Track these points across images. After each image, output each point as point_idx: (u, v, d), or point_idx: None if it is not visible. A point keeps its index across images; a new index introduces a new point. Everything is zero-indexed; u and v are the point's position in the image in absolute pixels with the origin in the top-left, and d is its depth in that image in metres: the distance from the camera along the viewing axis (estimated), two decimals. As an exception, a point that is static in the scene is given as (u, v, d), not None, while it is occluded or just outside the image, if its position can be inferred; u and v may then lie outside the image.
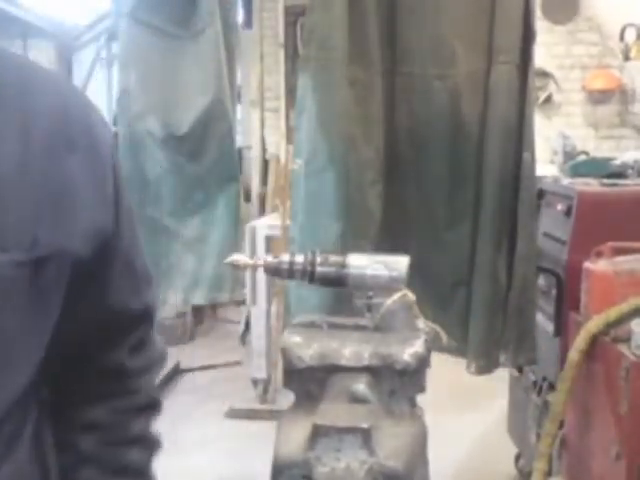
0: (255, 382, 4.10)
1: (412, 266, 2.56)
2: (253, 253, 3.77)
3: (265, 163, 6.88)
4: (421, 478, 0.87)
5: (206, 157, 2.89)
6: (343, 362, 0.91)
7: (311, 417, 0.82)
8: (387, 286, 1.02)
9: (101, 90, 12.30)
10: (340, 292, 1.77)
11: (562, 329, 2.56)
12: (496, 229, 2.44)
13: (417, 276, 2.42)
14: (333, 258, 1.06)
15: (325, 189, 2.42)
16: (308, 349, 0.92)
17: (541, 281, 2.70)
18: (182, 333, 5.21)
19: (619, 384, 2.02)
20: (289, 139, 6.13)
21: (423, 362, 0.89)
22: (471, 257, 2.48)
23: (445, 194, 2.54)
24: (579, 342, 2.21)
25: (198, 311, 5.33)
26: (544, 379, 2.74)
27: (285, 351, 0.92)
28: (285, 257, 1.08)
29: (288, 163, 4.27)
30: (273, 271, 1.10)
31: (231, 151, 2.96)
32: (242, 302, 4.49)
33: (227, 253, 2.77)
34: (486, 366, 2.43)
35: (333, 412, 0.83)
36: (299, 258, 1.06)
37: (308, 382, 0.90)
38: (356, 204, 2.45)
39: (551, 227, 2.78)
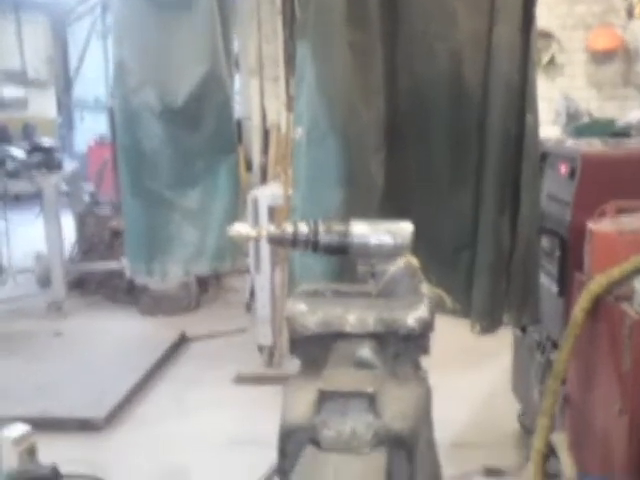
0: (261, 348, 4.14)
1: (415, 231, 2.57)
2: (256, 223, 3.77)
3: (266, 132, 6.83)
4: (426, 439, 0.88)
5: (203, 128, 2.89)
6: (348, 329, 0.91)
7: (317, 383, 0.83)
8: (391, 253, 1.02)
9: (97, 62, 12.19)
10: (344, 259, 1.77)
11: (566, 289, 2.57)
12: (499, 192, 2.44)
13: (421, 240, 2.42)
14: (336, 227, 1.05)
15: (327, 157, 2.41)
16: (312, 317, 0.92)
17: (545, 242, 2.70)
18: (187, 303, 5.25)
19: (622, 342, 2.03)
20: (289, 107, 6.06)
21: (427, 326, 0.89)
22: (474, 220, 2.48)
23: (448, 158, 2.53)
24: (582, 302, 2.22)
25: (203, 281, 5.35)
26: (548, 338, 2.76)
27: (290, 319, 0.93)
28: (288, 227, 1.07)
29: (289, 132, 4.24)
30: (276, 241, 1.10)
31: (229, 122, 2.95)
32: (246, 270, 4.52)
33: (228, 224, 2.78)
34: (490, 326, 2.46)
35: (339, 377, 0.84)
36: (302, 228, 1.06)
37: (313, 349, 0.91)
38: (358, 171, 2.44)
39: (554, 189, 2.76)
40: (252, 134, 6.90)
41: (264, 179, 6.43)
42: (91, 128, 11.47)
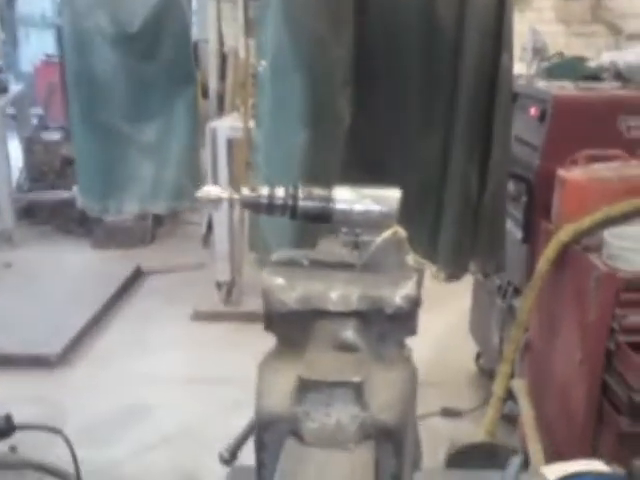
0: (219, 285, 4.08)
1: (380, 172, 2.49)
2: (214, 156, 3.63)
3: (223, 57, 6.55)
4: (412, 424, 0.84)
5: (160, 57, 2.72)
6: (330, 306, 0.85)
7: (296, 366, 0.77)
8: (377, 222, 0.95)
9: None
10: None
11: (530, 236, 2.56)
12: (470, 135, 2.37)
13: (385, 182, 2.34)
14: (317, 192, 0.97)
15: (291, 92, 2.30)
16: (291, 292, 0.85)
17: (511, 187, 2.66)
18: (142, 235, 5.11)
19: (588, 293, 2.03)
20: (248, 32, 5.81)
21: (414, 304, 0.84)
22: (443, 163, 2.42)
23: (418, 97, 2.43)
24: (549, 251, 2.20)
25: (158, 213, 5.21)
26: (509, 283, 2.76)
27: (266, 293, 0.85)
28: (264, 190, 0.98)
29: (248, 58, 4.07)
30: (251, 206, 1.01)
31: (187, 51, 2.79)
32: (204, 204, 4.39)
33: (186, 159, 2.68)
34: (454, 274, 2.43)
35: (321, 363, 0.78)
36: (279, 192, 0.97)
37: (291, 327, 0.84)
38: (324, 108, 2.34)
39: (523, 132, 2.71)
40: (209, 59, 6.62)
41: (221, 107, 6.23)
42: (37, 46, 10.85)
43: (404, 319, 0.84)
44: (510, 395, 2.47)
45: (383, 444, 0.75)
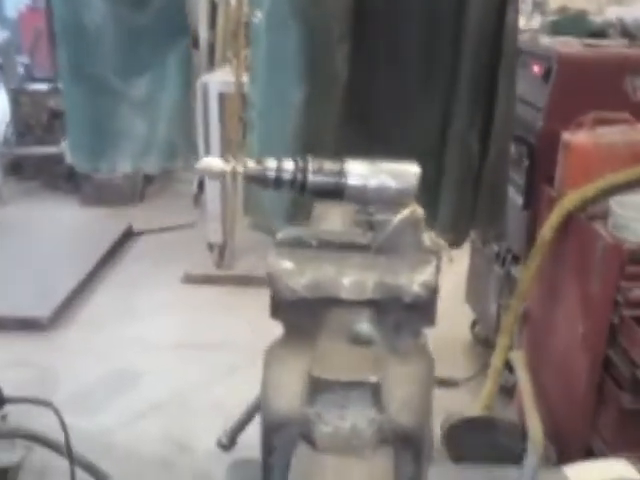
0: (211, 247, 4.00)
1: (378, 134, 2.40)
2: (206, 113, 3.52)
3: (213, 4, 6.34)
4: (428, 425, 0.78)
5: (152, 5, 2.57)
6: (343, 294, 0.78)
7: (306, 360, 0.70)
8: (393, 200, 0.87)
9: None
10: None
11: (531, 202, 2.49)
12: (472, 96, 2.27)
13: (383, 145, 2.26)
14: (329, 165, 0.88)
15: (288, 47, 2.20)
16: (300, 277, 0.78)
17: (512, 150, 2.57)
18: (132, 193, 5.00)
19: (592, 264, 1.97)
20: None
21: (433, 292, 0.77)
22: (444, 125, 2.33)
23: (419, 54, 2.32)
24: (553, 219, 2.14)
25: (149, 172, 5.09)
26: (508, 250, 2.70)
27: (273, 278, 0.78)
28: (271, 163, 0.90)
29: (240, 6, 3.94)
30: (256, 179, 0.93)
31: (181, -1, 2.64)
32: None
33: (179, 116, 2.58)
34: (454, 240, 2.36)
35: (334, 359, 0.72)
36: (288, 165, 0.89)
37: (300, 316, 0.77)
38: (320, 64, 2.24)
39: (526, 91, 2.60)
40: (198, 6, 6.39)
41: (212, 58, 6.05)
42: (22, -9, 10.49)
43: (422, 308, 0.77)
44: (507, 365, 2.43)
45: (401, 450, 0.69)
